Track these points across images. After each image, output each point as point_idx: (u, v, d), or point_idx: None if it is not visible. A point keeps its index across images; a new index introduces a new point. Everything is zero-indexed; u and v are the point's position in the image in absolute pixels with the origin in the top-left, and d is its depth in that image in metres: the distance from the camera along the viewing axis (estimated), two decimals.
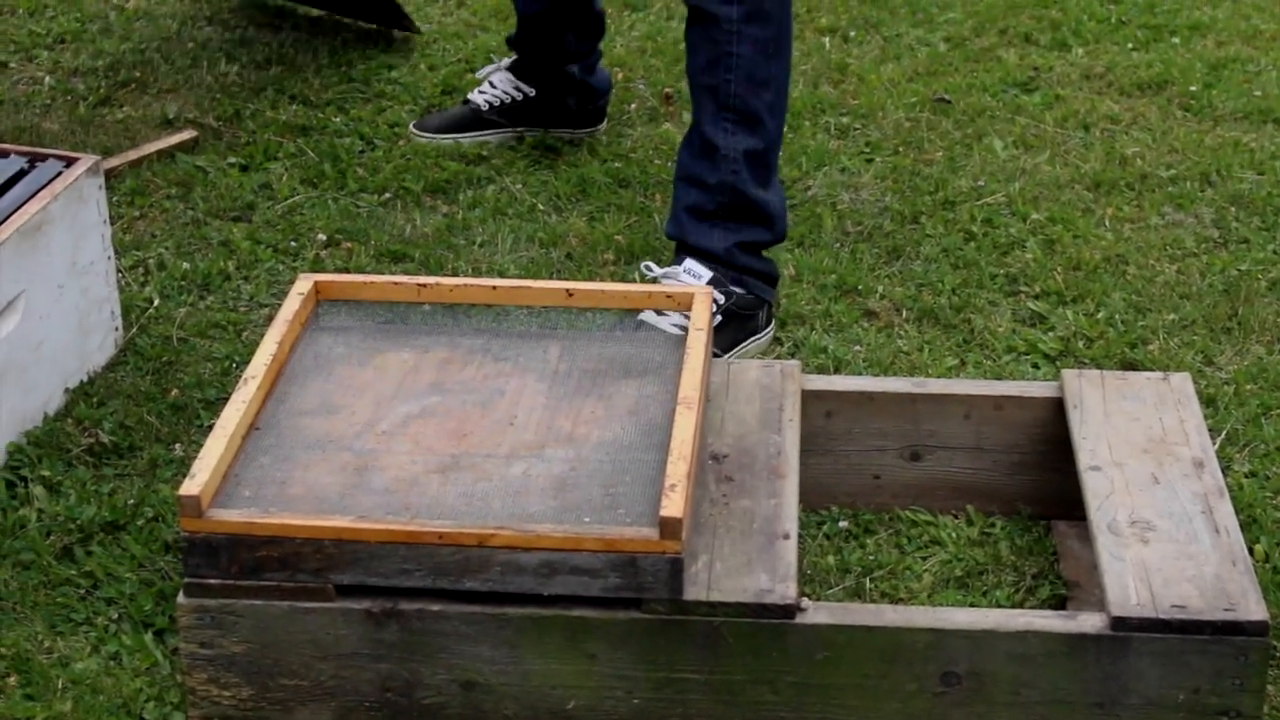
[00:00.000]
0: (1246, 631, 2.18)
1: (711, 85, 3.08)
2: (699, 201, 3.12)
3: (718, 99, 3.09)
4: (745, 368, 2.67)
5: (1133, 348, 3.14)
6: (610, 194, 3.68)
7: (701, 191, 3.12)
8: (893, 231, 3.54)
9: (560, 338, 2.60)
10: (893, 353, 3.13)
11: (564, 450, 2.35)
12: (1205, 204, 3.66)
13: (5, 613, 2.51)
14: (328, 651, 2.24)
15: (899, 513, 2.73)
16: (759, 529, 2.33)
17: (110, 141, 3.89)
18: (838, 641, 2.22)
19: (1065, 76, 4.26)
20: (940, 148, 3.90)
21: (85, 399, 2.96)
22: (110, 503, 2.71)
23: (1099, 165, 3.81)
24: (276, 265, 3.42)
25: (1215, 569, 2.27)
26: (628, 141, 3.92)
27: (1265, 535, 2.66)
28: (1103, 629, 2.20)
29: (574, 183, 3.72)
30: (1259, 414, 2.95)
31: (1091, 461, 2.49)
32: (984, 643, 2.21)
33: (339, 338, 2.59)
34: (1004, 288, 3.35)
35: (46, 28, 4.51)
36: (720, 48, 3.07)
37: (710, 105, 3.09)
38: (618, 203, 3.64)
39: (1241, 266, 3.41)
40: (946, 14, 4.60)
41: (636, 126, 4.00)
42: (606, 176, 3.74)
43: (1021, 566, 2.63)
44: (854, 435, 2.69)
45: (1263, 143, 3.91)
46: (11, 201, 2.89)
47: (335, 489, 2.28)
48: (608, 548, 2.17)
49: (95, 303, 3.02)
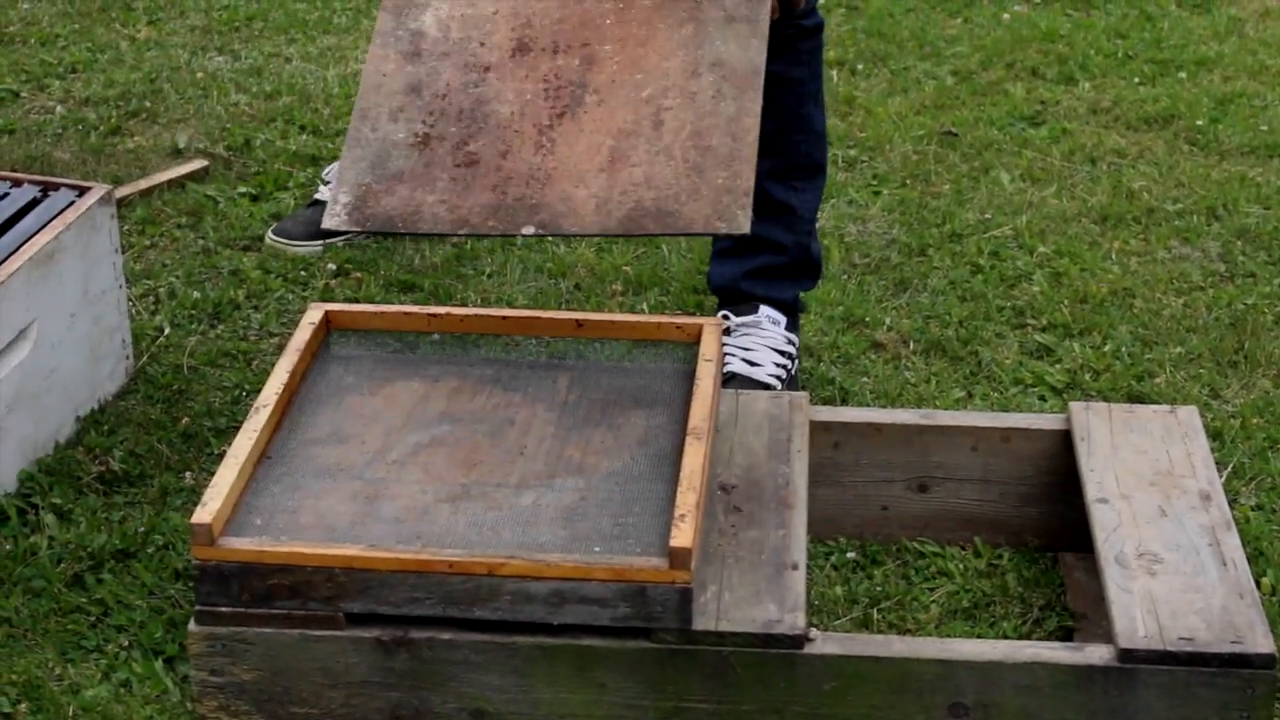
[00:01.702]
0: (1253, 664, 2.19)
1: (783, 148, 3.05)
2: (769, 262, 3.12)
3: (788, 160, 3.07)
4: (754, 399, 2.68)
5: (1139, 381, 3.15)
6: None
7: (774, 253, 3.11)
8: (900, 264, 3.55)
9: (570, 368, 2.60)
10: (900, 384, 3.13)
11: (574, 480, 2.36)
12: (1212, 238, 3.67)
13: (16, 640, 2.51)
14: (338, 679, 2.25)
15: (906, 544, 2.74)
16: (767, 559, 2.34)
17: (121, 171, 3.90)
18: (846, 672, 2.22)
19: (1072, 110, 4.27)
20: (947, 180, 3.91)
21: (96, 427, 2.97)
22: (121, 530, 2.71)
23: (1106, 199, 3.82)
24: (286, 295, 3.43)
25: (1222, 601, 2.27)
26: None
27: (1272, 568, 2.66)
28: (1110, 661, 2.21)
29: None
30: (1265, 447, 2.95)
31: (1099, 494, 2.50)
32: (991, 674, 2.21)
33: (349, 367, 2.60)
34: (1011, 320, 3.35)
35: (58, 57, 4.53)
36: (793, 110, 3.05)
37: (777, 165, 3.05)
38: None
39: (1248, 300, 3.42)
40: (954, 48, 4.62)
41: None
42: None
43: (1029, 598, 2.63)
44: (861, 466, 2.70)
45: (1269, 177, 3.92)
46: (24, 231, 2.90)
47: (346, 518, 2.29)
48: (617, 577, 2.18)
49: (106, 331, 3.03)
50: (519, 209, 2.25)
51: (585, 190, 2.31)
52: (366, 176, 2.34)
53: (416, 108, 2.39)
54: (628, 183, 2.29)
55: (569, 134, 2.33)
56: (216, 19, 4.81)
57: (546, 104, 2.36)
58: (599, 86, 2.36)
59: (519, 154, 2.33)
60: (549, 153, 2.33)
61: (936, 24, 4.79)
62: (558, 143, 2.33)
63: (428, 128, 2.36)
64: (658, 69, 2.39)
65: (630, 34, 2.41)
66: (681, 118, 2.36)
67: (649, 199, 2.26)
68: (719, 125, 2.35)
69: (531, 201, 2.27)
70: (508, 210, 2.25)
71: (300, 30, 4.75)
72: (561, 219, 2.26)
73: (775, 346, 3.07)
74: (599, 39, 2.41)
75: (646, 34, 2.41)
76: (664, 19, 2.44)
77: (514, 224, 2.24)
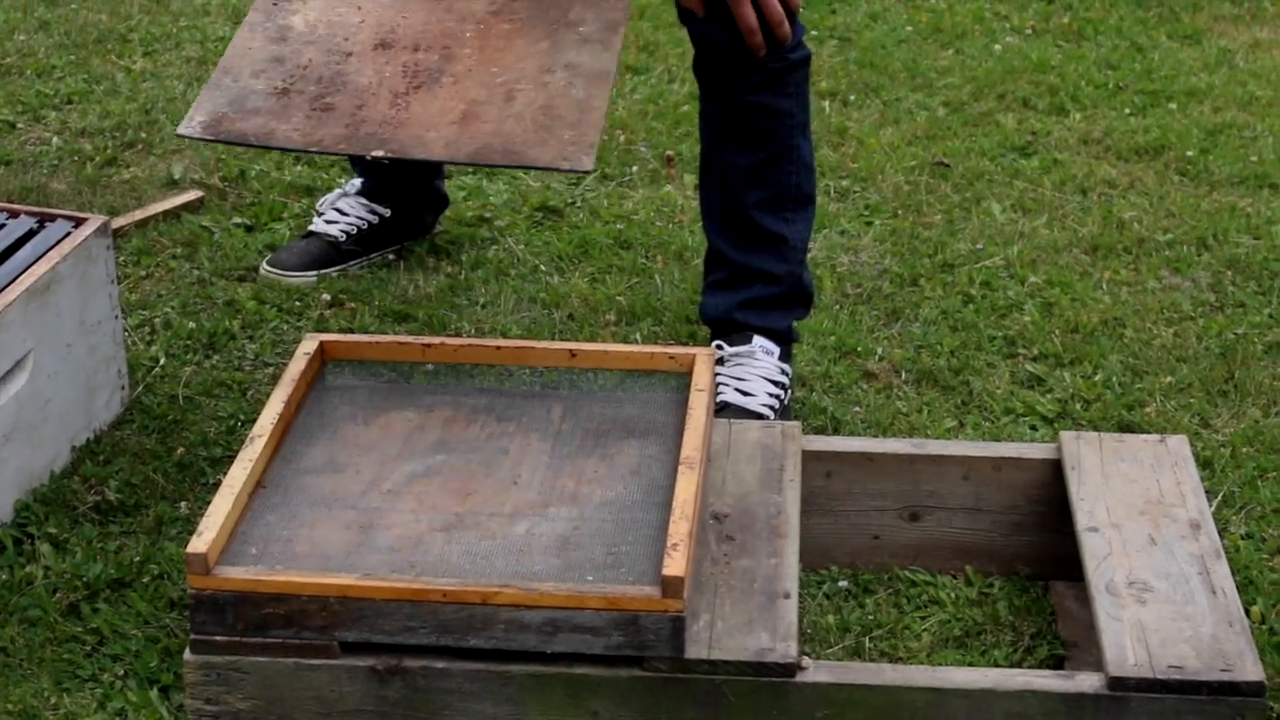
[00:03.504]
0: (1243, 692, 2.20)
1: (773, 178, 3.07)
2: (762, 293, 3.13)
3: (779, 190, 3.08)
4: (746, 428, 2.69)
5: (1130, 410, 3.16)
6: (612, 255, 3.70)
7: (766, 284, 3.12)
8: (892, 294, 3.57)
9: (563, 398, 2.61)
10: (892, 414, 3.14)
11: (567, 509, 2.37)
12: (1202, 268, 3.68)
13: (12, 669, 2.51)
14: (332, 708, 2.25)
15: (898, 572, 2.74)
16: (760, 588, 2.34)
17: (117, 201, 3.91)
18: (838, 700, 2.23)
19: (1063, 141, 4.28)
20: (939, 211, 3.93)
21: (92, 457, 2.97)
22: (116, 560, 2.72)
23: (1096, 229, 3.83)
24: (281, 325, 3.44)
25: (1212, 630, 2.28)
26: (629, 203, 3.95)
27: (1262, 597, 2.67)
28: (1100, 689, 2.21)
29: (576, 244, 3.74)
30: (1255, 476, 2.96)
31: (1089, 523, 2.51)
32: (982, 702, 2.22)
33: (344, 397, 2.61)
34: (1002, 350, 3.36)
35: (54, 88, 4.55)
36: (783, 142, 3.06)
37: (767, 196, 3.08)
38: (619, 264, 3.66)
39: (1238, 330, 3.43)
40: (945, 79, 4.64)
41: (638, 189, 4.03)
42: (608, 238, 3.76)
43: (1020, 626, 2.64)
44: (853, 495, 2.71)
45: (1259, 207, 3.93)
46: (21, 261, 2.91)
47: (340, 547, 2.29)
48: (610, 606, 2.18)
49: (102, 361, 3.04)
50: (370, 140, 2.40)
51: (436, 134, 2.46)
52: (224, 108, 2.51)
53: (278, 72, 2.58)
54: (477, 132, 2.43)
55: (423, 99, 2.49)
56: (211, 50, 4.82)
57: (404, 80, 2.52)
58: (456, 74, 2.53)
59: (374, 108, 2.51)
60: (403, 109, 2.50)
61: (928, 55, 4.81)
62: (412, 104, 2.50)
63: (287, 84, 2.54)
64: (514, 66, 2.57)
65: (489, 44, 2.60)
66: (533, 96, 2.53)
67: (497, 143, 2.41)
68: (569, 104, 2.52)
69: (383, 136, 2.42)
70: (359, 140, 2.42)
71: None
72: (411, 149, 2.41)
73: (768, 376, 3.08)
74: (459, 45, 2.59)
75: (505, 44, 2.61)
76: (522, 35, 2.62)
77: (365, 148, 2.38)
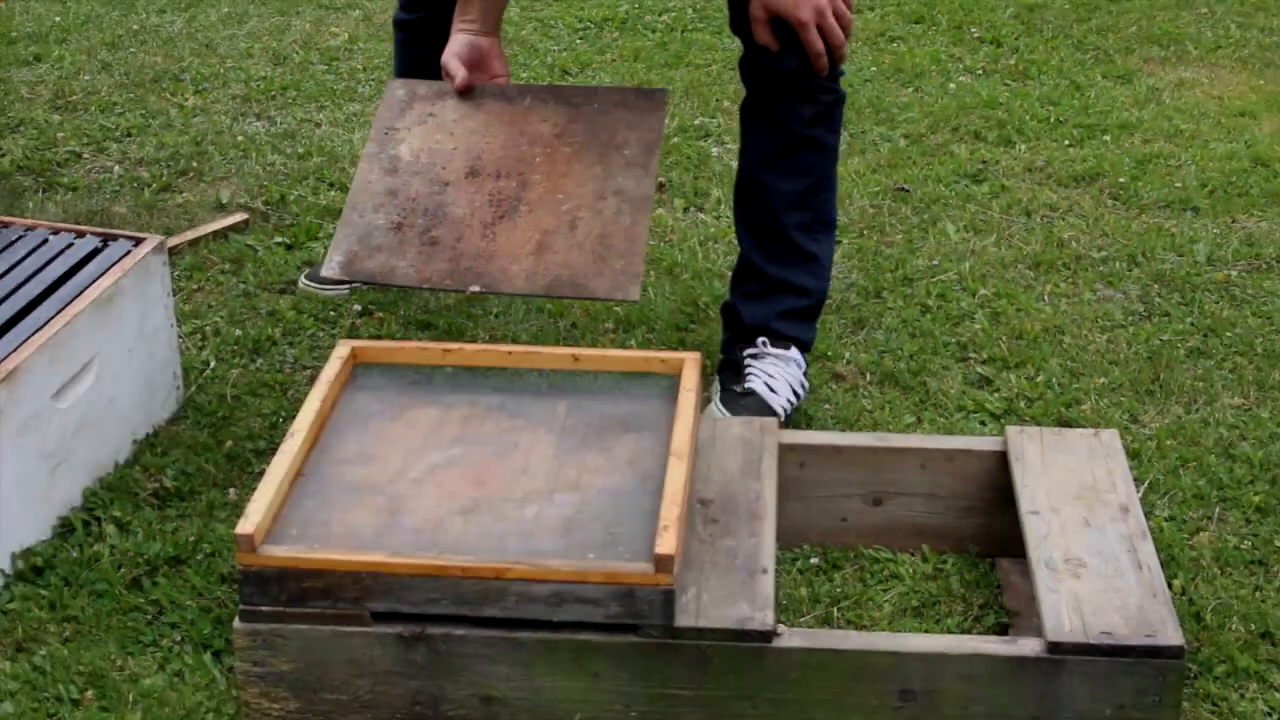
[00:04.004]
0: (1165, 655, 2.21)
1: (812, 204, 3.09)
2: (795, 305, 3.14)
3: (815, 214, 3.11)
4: (729, 424, 2.70)
5: (1068, 407, 3.17)
6: None
7: (798, 296, 3.14)
8: (858, 304, 3.57)
9: (567, 397, 2.61)
10: (858, 411, 3.15)
11: (571, 495, 2.37)
12: (1132, 282, 3.69)
13: (83, 636, 2.53)
14: (364, 670, 2.27)
15: (863, 551, 2.75)
16: (741, 565, 2.35)
17: (171, 223, 3.92)
18: (809, 663, 2.24)
19: (1010, 169, 4.29)
20: (900, 231, 3.93)
21: (151, 449, 2.99)
22: (174, 540, 2.73)
23: (1039, 247, 3.84)
24: (317, 332, 3.45)
25: (1138, 601, 2.29)
26: None
27: (1182, 571, 2.68)
28: (1040, 652, 2.23)
29: None
30: (1178, 466, 2.98)
31: (1031, 507, 2.52)
32: (937, 664, 2.23)
33: (374, 396, 2.61)
34: (955, 354, 3.37)
35: (115, 123, 4.55)
36: (823, 171, 3.09)
37: (805, 219, 3.10)
38: None
39: (1164, 337, 3.44)
40: (906, 114, 4.65)
41: None
42: None
43: (970, 598, 2.65)
44: (824, 483, 2.71)
45: (1183, 228, 3.94)
46: (87, 276, 2.93)
47: (371, 528, 2.30)
48: (609, 580, 2.20)
49: (160, 365, 3.05)
50: (468, 274, 2.59)
51: (518, 266, 2.67)
52: (355, 246, 2.71)
53: (393, 205, 2.78)
54: (550, 263, 2.63)
55: (507, 230, 2.70)
56: (255, 89, 4.83)
57: (491, 210, 2.73)
58: (530, 201, 2.73)
59: (469, 240, 2.71)
60: (491, 240, 2.70)
61: (891, 93, 4.82)
62: (498, 235, 2.71)
63: (400, 219, 2.74)
64: (575, 192, 2.76)
65: (555, 169, 2.79)
66: (591, 224, 2.73)
67: (565, 274, 2.61)
68: (619, 231, 2.72)
69: (478, 270, 2.61)
70: (460, 274, 2.61)
71: (329, 99, 4.78)
72: (499, 283, 2.61)
73: (793, 384, 3.10)
74: (531, 170, 2.79)
75: (567, 169, 2.79)
76: (580, 160, 2.81)
77: (464, 283, 2.57)
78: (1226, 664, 2.47)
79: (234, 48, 5.19)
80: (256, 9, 5.61)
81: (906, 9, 5.56)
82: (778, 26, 2.91)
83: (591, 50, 5.18)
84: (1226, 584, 2.65)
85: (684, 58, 5.10)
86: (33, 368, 2.69)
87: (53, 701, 2.39)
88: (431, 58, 3.46)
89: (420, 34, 3.46)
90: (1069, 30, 5.36)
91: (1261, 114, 4.67)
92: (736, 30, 3.03)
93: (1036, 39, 5.28)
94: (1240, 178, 4.21)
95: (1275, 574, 2.69)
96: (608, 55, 5.13)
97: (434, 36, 3.44)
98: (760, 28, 2.92)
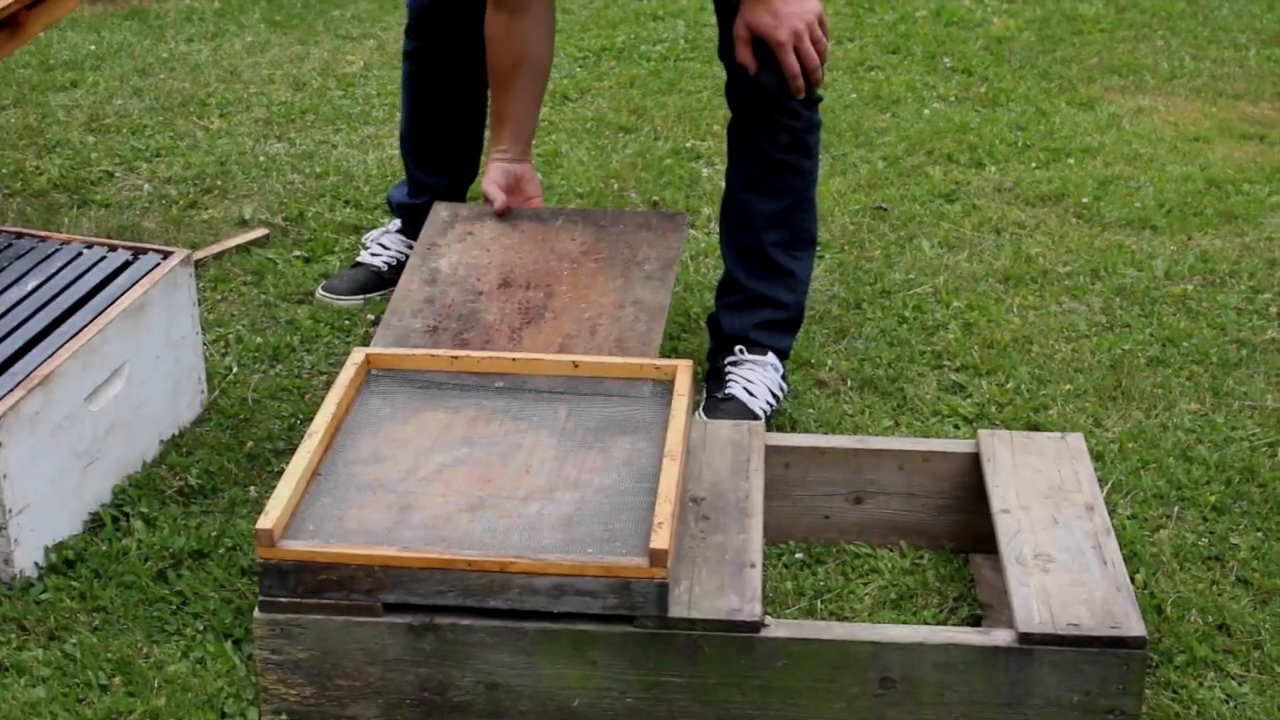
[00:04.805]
0: (1128, 645, 2.20)
1: (790, 223, 3.08)
2: (772, 317, 3.13)
3: (793, 233, 3.09)
4: (719, 427, 2.69)
5: (1036, 412, 3.16)
6: None
7: (775, 309, 3.13)
8: (839, 315, 3.56)
9: (568, 401, 2.61)
10: (839, 415, 3.14)
11: (571, 494, 2.37)
12: (1095, 295, 3.68)
13: (111, 625, 2.52)
14: (376, 658, 2.26)
15: (845, 546, 2.74)
16: (730, 559, 2.34)
17: (197, 238, 3.91)
18: (794, 651, 2.23)
19: (981, 190, 4.28)
20: (879, 247, 3.92)
21: (176, 449, 2.97)
22: (197, 535, 2.72)
23: (1008, 262, 3.83)
24: (333, 340, 3.44)
25: (1103, 594, 2.28)
26: None
27: (1144, 566, 2.67)
28: (1011, 643, 2.22)
29: None
30: (1139, 467, 2.96)
31: (1002, 505, 2.51)
32: (914, 653, 2.23)
33: (386, 400, 2.60)
34: (930, 362, 3.36)
35: (145, 144, 4.54)
36: (800, 193, 3.08)
37: (783, 238, 3.09)
38: None
39: (1125, 347, 3.43)
40: (884, 138, 4.64)
41: None
42: None
43: (945, 591, 2.64)
44: (808, 483, 2.71)
45: (1142, 245, 3.94)
46: (118, 287, 2.91)
47: (383, 524, 2.29)
48: (607, 574, 2.19)
49: (185, 370, 3.04)
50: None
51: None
52: (393, 346, 2.76)
53: (430, 311, 2.85)
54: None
55: (531, 334, 2.76)
56: (276, 112, 4.82)
57: (519, 317, 2.77)
58: (555, 309, 2.77)
59: (496, 343, 2.78)
60: (518, 344, 2.76)
61: (869, 118, 4.82)
62: (524, 339, 2.76)
63: (436, 323, 2.80)
64: (596, 302, 2.82)
65: (580, 281, 2.85)
66: (610, 329, 2.78)
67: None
68: (635, 337, 2.78)
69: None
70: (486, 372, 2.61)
71: (345, 122, 4.76)
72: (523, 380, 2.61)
73: (771, 387, 3.08)
74: (558, 282, 2.85)
75: (591, 282, 2.85)
76: (604, 273, 2.88)
77: (489, 380, 2.59)
78: (1186, 654, 2.46)
79: (256, 74, 5.18)
80: (278, 38, 5.59)
81: (884, 40, 5.55)
82: (758, 48, 2.91)
83: (590, 78, 5.17)
84: (1185, 579, 2.64)
85: (677, 84, 5.09)
86: (67, 373, 2.68)
87: (82, 687, 2.38)
88: (430, 95, 3.46)
89: (425, 64, 3.45)
90: (1035, 61, 5.35)
91: (1215, 139, 4.66)
92: (723, 57, 3.03)
93: (1005, 69, 5.27)
94: (1195, 198, 4.21)
95: (1231, 569, 2.68)
96: (605, 82, 5.12)
97: (435, 73, 3.44)
98: (742, 46, 2.92)
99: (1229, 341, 3.45)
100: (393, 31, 5.65)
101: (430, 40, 3.42)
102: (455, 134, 3.52)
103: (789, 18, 2.86)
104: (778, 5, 2.86)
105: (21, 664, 2.42)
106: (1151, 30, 5.69)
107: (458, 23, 3.30)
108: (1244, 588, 2.63)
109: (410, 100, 3.53)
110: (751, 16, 2.88)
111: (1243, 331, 3.49)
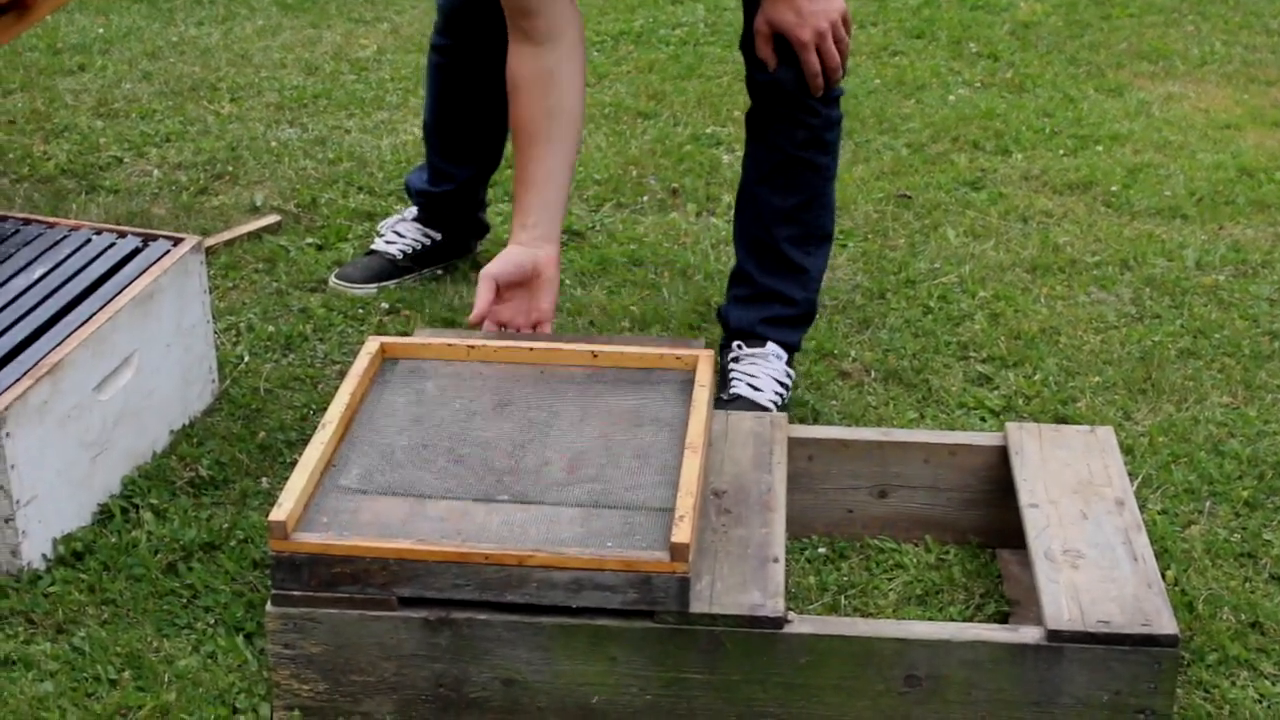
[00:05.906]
0: (1160, 643, 2.20)
1: (804, 219, 3.06)
2: (781, 313, 3.11)
3: (806, 230, 3.07)
4: (741, 419, 2.68)
5: (1064, 405, 3.15)
6: (626, 272, 3.69)
7: (784, 305, 3.11)
8: (863, 305, 3.56)
9: (586, 391, 2.59)
10: (863, 407, 3.14)
11: (590, 486, 2.36)
12: (1124, 285, 3.67)
13: (120, 618, 2.52)
14: (391, 653, 2.25)
15: (869, 541, 2.74)
16: (752, 553, 2.34)
17: (208, 224, 3.91)
18: (818, 648, 2.23)
19: (1007, 177, 4.27)
20: (903, 235, 3.92)
21: (187, 439, 2.97)
22: (208, 527, 2.72)
23: (1035, 252, 3.82)
24: (346, 329, 3.44)
25: (1134, 591, 2.28)
26: (641, 228, 3.94)
27: (1175, 563, 2.66)
28: (1040, 640, 2.21)
29: (595, 261, 3.73)
30: (1169, 461, 2.95)
31: (1030, 499, 2.50)
32: (941, 651, 2.22)
33: (401, 390, 2.59)
34: (956, 353, 3.35)
35: (155, 129, 4.54)
36: (816, 188, 3.05)
37: (796, 233, 3.06)
38: (632, 279, 3.65)
39: (1155, 338, 3.42)
40: (908, 124, 4.63)
41: (648, 215, 4.02)
42: (623, 257, 3.76)
43: (971, 587, 2.63)
44: (831, 476, 2.70)
45: (1172, 234, 3.92)
46: (128, 275, 2.91)
47: (398, 517, 2.29)
48: (627, 568, 2.18)
49: (196, 359, 3.04)
50: (498, 487, 2.36)
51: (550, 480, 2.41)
52: (376, 462, 2.42)
53: (417, 429, 2.50)
54: (582, 477, 2.39)
55: (537, 448, 2.45)
56: (288, 97, 4.82)
57: (521, 434, 2.48)
58: (563, 427, 2.50)
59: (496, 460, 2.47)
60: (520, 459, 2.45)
61: (894, 104, 4.80)
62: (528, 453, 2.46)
63: (425, 441, 2.47)
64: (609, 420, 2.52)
65: (589, 404, 2.54)
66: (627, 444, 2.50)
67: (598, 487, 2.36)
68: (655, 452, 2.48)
69: (507, 481, 2.38)
70: (488, 487, 2.36)
71: (358, 107, 4.76)
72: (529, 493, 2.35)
73: (776, 377, 3.07)
74: (564, 406, 2.54)
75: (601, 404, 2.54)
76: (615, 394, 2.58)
77: (492, 495, 2.34)
78: (1218, 652, 2.45)
79: (268, 58, 5.18)
80: (290, 22, 5.59)
81: (908, 25, 5.54)
82: (779, 45, 2.89)
83: (609, 62, 5.16)
84: (1217, 575, 2.63)
85: (696, 69, 5.08)
86: (76, 361, 2.68)
87: (91, 681, 2.38)
88: (457, 90, 3.45)
89: (452, 61, 3.44)
90: (1062, 46, 5.33)
91: (1246, 126, 4.64)
92: (744, 49, 3.00)
93: (1032, 54, 5.25)
94: (1227, 187, 4.19)
95: (1264, 566, 2.67)
96: (624, 67, 5.11)
97: (463, 69, 3.43)
98: (762, 41, 2.89)
99: (1261, 333, 3.44)
100: (406, 15, 5.65)
101: (461, 39, 3.41)
102: (481, 126, 3.51)
103: (813, 16, 2.83)
104: (801, 3, 2.82)
105: (29, 658, 2.42)
106: (1181, 15, 5.67)
107: (489, 22, 3.27)
108: (1277, 585, 2.62)
109: (436, 92, 3.52)
110: (774, 13, 2.86)
111: (1275, 323, 3.48)
